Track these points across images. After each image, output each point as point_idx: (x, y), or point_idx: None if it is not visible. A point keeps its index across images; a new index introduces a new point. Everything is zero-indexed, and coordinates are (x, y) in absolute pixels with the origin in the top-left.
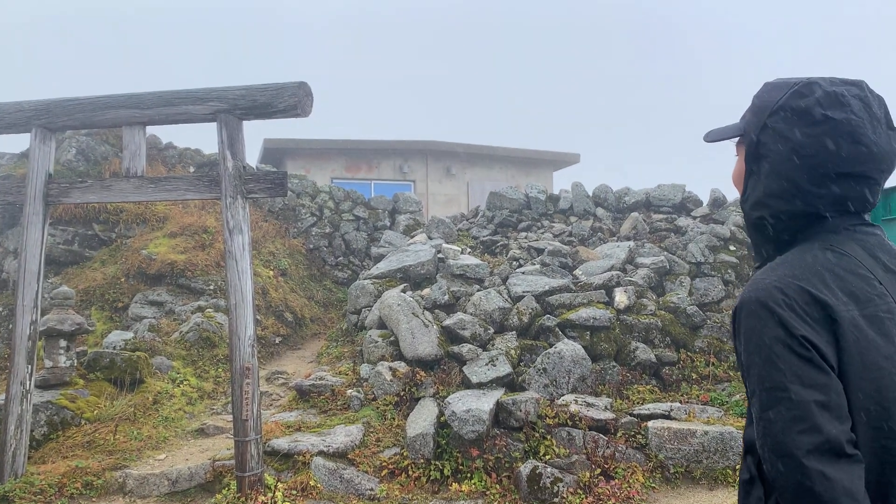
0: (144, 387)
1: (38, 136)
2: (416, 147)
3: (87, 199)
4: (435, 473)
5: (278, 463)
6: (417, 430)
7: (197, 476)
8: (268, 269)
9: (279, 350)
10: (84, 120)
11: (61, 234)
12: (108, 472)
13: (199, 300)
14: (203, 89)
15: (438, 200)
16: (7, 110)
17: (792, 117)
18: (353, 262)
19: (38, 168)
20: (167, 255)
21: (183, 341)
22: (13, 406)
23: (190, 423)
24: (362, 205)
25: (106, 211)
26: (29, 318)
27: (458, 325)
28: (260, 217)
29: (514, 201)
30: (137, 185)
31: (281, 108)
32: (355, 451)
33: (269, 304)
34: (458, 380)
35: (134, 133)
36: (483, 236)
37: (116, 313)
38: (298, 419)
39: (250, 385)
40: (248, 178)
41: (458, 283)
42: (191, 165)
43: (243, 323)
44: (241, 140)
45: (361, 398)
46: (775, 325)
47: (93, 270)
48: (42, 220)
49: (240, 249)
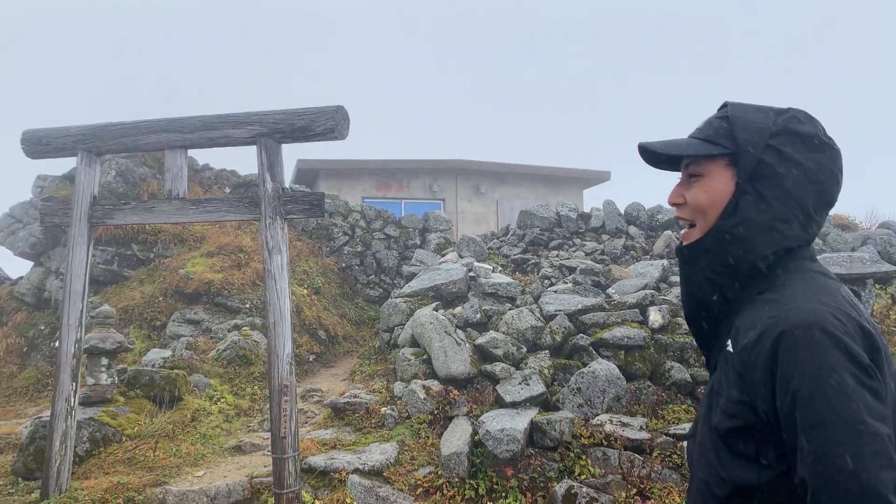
0: (182, 404)
1: (83, 159)
2: (445, 166)
3: (129, 220)
4: (470, 493)
5: (315, 480)
6: (452, 448)
7: (235, 493)
8: (302, 287)
9: (313, 368)
10: (128, 144)
11: (101, 255)
12: (148, 488)
13: (236, 318)
14: (243, 114)
15: (468, 219)
16: (54, 135)
17: (797, 141)
18: (384, 281)
19: (83, 190)
20: (204, 274)
21: (220, 359)
22: (58, 422)
23: (227, 440)
24: (393, 224)
25: (144, 231)
26: (74, 337)
27: (490, 343)
28: (294, 236)
29: (544, 219)
30: (179, 207)
31: (318, 131)
32: (390, 470)
33: (303, 322)
34: (492, 399)
35: (176, 156)
36: (514, 255)
37: (154, 331)
38: (334, 437)
39: (288, 402)
40: (286, 199)
41: (489, 301)
42: (227, 186)
43: (282, 341)
44: (279, 162)
45: (395, 416)
46: (841, 354)
47: (131, 290)
48: (87, 241)
49: (279, 269)
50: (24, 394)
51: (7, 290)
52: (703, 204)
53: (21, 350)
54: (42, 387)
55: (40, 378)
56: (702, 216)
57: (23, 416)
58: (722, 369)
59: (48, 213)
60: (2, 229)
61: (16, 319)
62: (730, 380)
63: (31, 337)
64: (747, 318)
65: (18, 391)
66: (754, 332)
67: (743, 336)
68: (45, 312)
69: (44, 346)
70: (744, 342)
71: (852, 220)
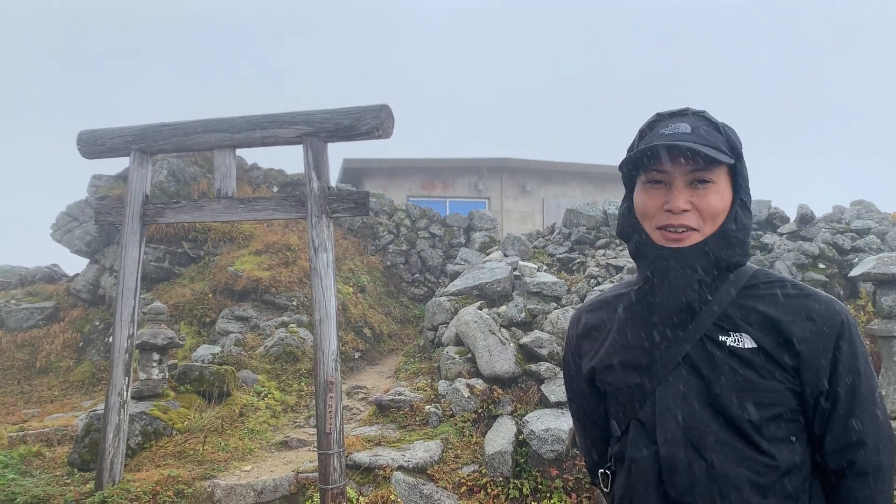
0: (231, 399)
1: (136, 159)
2: (490, 164)
3: (180, 219)
4: (514, 492)
5: (359, 476)
6: (496, 447)
7: (281, 488)
8: (347, 285)
9: (358, 365)
10: (178, 144)
11: (153, 252)
12: (197, 481)
13: (283, 315)
14: (289, 113)
15: (513, 217)
16: (108, 135)
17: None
18: (428, 279)
19: (135, 190)
20: (252, 272)
21: (267, 355)
22: (112, 416)
23: (274, 435)
24: (438, 222)
25: (194, 230)
26: (126, 332)
27: (535, 343)
28: (340, 235)
29: (591, 218)
30: (228, 206)
31: (364, 130)
32: (434, 468)
33: (348, 319)
34: (536, 398)
35: (224, 156)
36: (559, 254)
37: (204, 328)
38: (378, 433)
39: (333, 399)
40: (332, 198)
41: (534, 300)
42: (274, 185)
43: (327, 338)
44: (325, 162)
45: (439, 414)
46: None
47: (182, 287)
48: (139, 239)
49: (324, 267)
50: (80, 387)
51: (64, 286)
52: (717, 210)
53: (77, 345)
54: (97, 381)
55: (95, 372)
56: (711, 222)
57: (78, 409)
58: (738, 364)
59: (102, 212)
60: (59, 227)
61: (72, 315)
62: (766, 372)
63: (86, 332)
64: (778, 313)
65: (74, 385)
66: (810, 323)
67: (791, 328)
68: (99, 308)
69: (98, 341)
70: (801, 334)
71: None
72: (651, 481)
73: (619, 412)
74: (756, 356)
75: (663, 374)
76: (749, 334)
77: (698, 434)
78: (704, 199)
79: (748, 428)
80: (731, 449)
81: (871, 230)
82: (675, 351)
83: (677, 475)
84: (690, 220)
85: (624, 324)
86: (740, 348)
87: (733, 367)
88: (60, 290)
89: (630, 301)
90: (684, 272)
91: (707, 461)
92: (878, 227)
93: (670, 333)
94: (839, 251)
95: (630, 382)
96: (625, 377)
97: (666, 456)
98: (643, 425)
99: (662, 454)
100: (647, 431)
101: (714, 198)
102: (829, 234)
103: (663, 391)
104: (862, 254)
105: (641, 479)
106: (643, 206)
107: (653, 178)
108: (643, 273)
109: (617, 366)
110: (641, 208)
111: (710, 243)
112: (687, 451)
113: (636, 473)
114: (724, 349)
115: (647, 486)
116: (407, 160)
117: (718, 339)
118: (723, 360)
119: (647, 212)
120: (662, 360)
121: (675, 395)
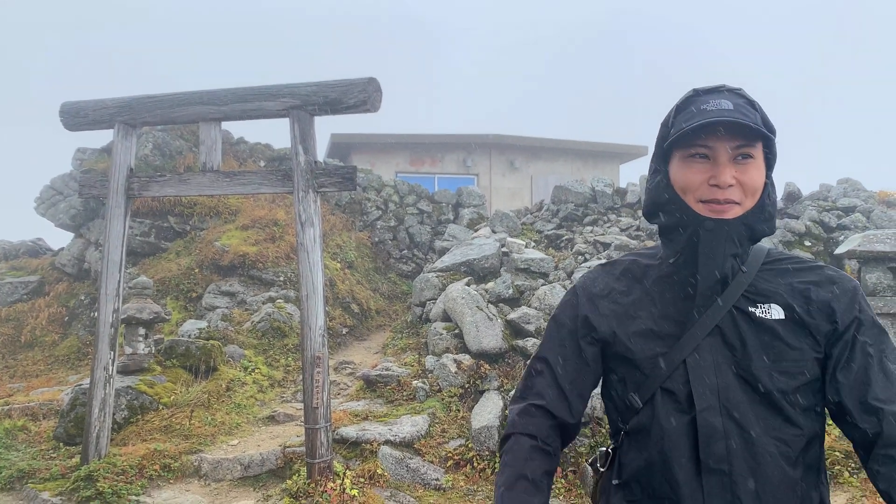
0: (218, 374)
1: (120, 131)
2: (479, 141)
3: (165, 192)
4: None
5: (346, 451)
6: (482, 422)
7: (268, 462)
8: (335, 261)
9: (346, 341)
10: (163, 116)
11: (138, 227)
12: (184, 455)
13: (270, 291)
14: (276, 86)
15: (502, 194)
16: (91, 107)
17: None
18: (416, 256)
19: (120, 163)
20: (239, 247)
21: (254, 331)
22: (97, 390)
23: (261, 410)
24: (426, 199)
25: (181, 204)
26: (112, 307)
27: (522, 319)
28: (327, 210)
29: (579, 195)
30: (213, 179)
31: (351, 103)
32: (421, 442)
33: (336, 295)
34: (523, 374)
35: (210, 129)
36: (547, 230)
37: (191, 303)
38: (366, 408)
39: (321, 374)
40: (319, 172)
41: (522, 277)
42: (261, 160)
43: (314, 313)
44: (312, 135)
45: (426, 389)
46: None
47: (168, 261)
48: (124, 213)
49: (311, 242)
50: (66, 362)
51: (49, 261)
52: (758, 184)
53: (62, 319)
54: (83, 355)
55: (81, 347)
56: (752, 196)
57: (64, 383)
58: (767, 335)
59: (86, 185)
60: (43, 201)
61: (57, 290)
62: (795, 341)
63: (72, 307)
64: (803, 281)
65: (60, 359)
66: (834, 286)
67: (819, 292)
68: (85, 283)
69: (84, 315)
70: (827, 296)
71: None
72: (684, 450)
73: (640, 382)
74: (784, 326)
75: (694, 343)
76: (778, 303)
77: (734, 403)
78: (747, 173)
79: (778, 397)
80: (763, 419)
81: (856, 208)
82: (706, 322)
83: (714, 443)
84: (735, 194)
85: (653, 293)
86: (770, 319)
87: (763, 337)
88: (45, 265)
89: (661, 273)
90: (725, 244)
91: (744, 429)
92: (863, 205)
93: (703, 304)
94: (825, 229)
95: (658, 351)
96: (652, 346)
97: (704, 424)
98: (671, 395)
99: (700, 422)
100: (678, 401)
101: (755, 173)
102: (815, 211)
103: (695, 361)
104: (848, 231)
105: (673, 449)
106: (686, 179)
107: (697, 152)
108: (677, 245)
109: (645, 334)
110: (683, 182)
111: (749, 217)
112: (724, 419)
113: (668, 443)
114: (753, 320)
115: (680, 455)
116: (395, 135)
117: (748, 310)
118: (753, 330)
119: (690, 185)
120: (693, 331)
121: (708, 364)
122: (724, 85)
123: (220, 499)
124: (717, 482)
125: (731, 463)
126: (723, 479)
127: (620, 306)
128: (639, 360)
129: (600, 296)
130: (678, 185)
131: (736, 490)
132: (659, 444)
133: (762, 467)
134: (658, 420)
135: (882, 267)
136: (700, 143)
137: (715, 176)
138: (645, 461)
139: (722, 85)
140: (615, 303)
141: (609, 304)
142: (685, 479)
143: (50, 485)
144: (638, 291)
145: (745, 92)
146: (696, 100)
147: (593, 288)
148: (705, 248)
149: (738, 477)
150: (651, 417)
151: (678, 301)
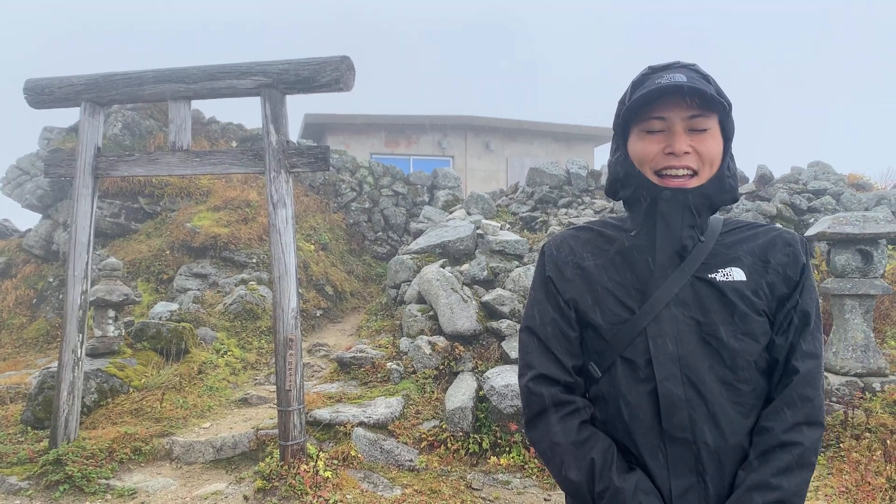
0: (189, 357)
1: (87, 110)
2: (455, 122)
3: (134, 172)
4: (473, 447)
5: (320, 433)
6: (456, 403)
7: (241, 444)
8: (309, 243)
9: (320, 323)
10: (131, 94)
11: (108, 207)
12: (155, 438)
13: (243, 273)
14: (246, 63)
15: (477, 176)
16: (57, 85)
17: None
18: (391, 238)
19: (87, 141)
20: (211, 228)
21: (227, 313)
22: (65, 373)
23: (234, 392)
24: (401, 180)
25: (151, 185)
26: (80, 288)
27: (496, 300)
28: (301, 192)
29: (554, 177)
30: (183, 159)
31: (324, 82)
32: (395, 423)
33: (310, 277)
34: (497, 355)
35: (179, 107)
36: (523, 212)
37: (162, 285)
38: (340, 390)
39: (294, 356)
40: (291, 152)
41: (497, 258)
42: (233, 140)
43: (287, 295)
44: (284, 114)
45: (401, 371)
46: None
47: (138, 243)
48: (91, 193)
49: (283, 223)
50: (34, 345)
51: (16, 242)
52: (714, 154)
53: (30, 302)
54: (51, 338)
55: (49, 329)
56: (709, 166)
57: (32, 366)
58: (730, 296)
59: (52, 164)
60: (9, 181)
61: (25, 272)
62: (759, 301)
63: (40, 289)
64: (761, 244)
65: (28, 342)
66: (789, 248)
67: (775, 253)
68: (53, 265)
69: (53, 297)
70: (783, 259)
71: (867, 180)
72: (645, 419)
73: (602, 350)
74: (746, 287)
75: (653, 312)
76: (738, 267)
77: (694, 370)
78: (703, 143)
79: (741, 361)
80: (724, 384)
81: (827, 191)
82: (666, 291)
83: (677, 412)
84: (691, 161)
85: (617, 262)
86: (730, 281)
87: (724, 301)
88: (12, 246)
89: (623, 245)
90: (683, 214)
91: (705, 397)
92: (833, 188)
93: (662, 275)
94: (796, 211)
95: (618, 320)
96: (613, 314)
97: (665, 394)
98: (631, 363)
99: (662, 391)
100: (637, 369)
101: (712, 142)
102: (786, 194)
103: (655, 329)
104: (818, 214)
105: (634, 418)
106: (642, 151)
107: (651, 127)
108: (638, 217)
109: (605, 302)
110: (640, 154)
111: (707, 187)
112: (686, 387)
113: (628, 411)
114: (714, 285)
115: (640, 423)
116: (370, 116)
117: (708, 278)
118: (716, 295)
119: (647, 156)
120: (652, 301)
121: (668, 333)
122: (678, 61)
123: (191, 481)
124: (681, 450)
125: (693, 431)
126: (686, 447)
127: (584, 272)
128: (600, 327)
129: (565, 262)
130: (636, 157)
131: (699, 456)
132: (620, 412)
133: (723, 432)
134: (619, 389)
135: (851, 249)
136: (655, 115)
137: (670, 144)
138: (608, 429)
139: (676, 61)
140: (579, 268)
141: (573, 270)
142: (648, 446)
143: (17, 469)
144: (602, 259)
145: (699, 67)
146: (652, 76)
147: (559, 253)
148: (663, 218)
149: (701, 444)
150: (610, 386)
151: (640, 271)
